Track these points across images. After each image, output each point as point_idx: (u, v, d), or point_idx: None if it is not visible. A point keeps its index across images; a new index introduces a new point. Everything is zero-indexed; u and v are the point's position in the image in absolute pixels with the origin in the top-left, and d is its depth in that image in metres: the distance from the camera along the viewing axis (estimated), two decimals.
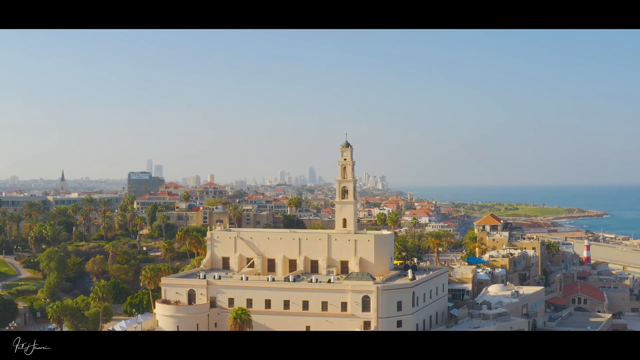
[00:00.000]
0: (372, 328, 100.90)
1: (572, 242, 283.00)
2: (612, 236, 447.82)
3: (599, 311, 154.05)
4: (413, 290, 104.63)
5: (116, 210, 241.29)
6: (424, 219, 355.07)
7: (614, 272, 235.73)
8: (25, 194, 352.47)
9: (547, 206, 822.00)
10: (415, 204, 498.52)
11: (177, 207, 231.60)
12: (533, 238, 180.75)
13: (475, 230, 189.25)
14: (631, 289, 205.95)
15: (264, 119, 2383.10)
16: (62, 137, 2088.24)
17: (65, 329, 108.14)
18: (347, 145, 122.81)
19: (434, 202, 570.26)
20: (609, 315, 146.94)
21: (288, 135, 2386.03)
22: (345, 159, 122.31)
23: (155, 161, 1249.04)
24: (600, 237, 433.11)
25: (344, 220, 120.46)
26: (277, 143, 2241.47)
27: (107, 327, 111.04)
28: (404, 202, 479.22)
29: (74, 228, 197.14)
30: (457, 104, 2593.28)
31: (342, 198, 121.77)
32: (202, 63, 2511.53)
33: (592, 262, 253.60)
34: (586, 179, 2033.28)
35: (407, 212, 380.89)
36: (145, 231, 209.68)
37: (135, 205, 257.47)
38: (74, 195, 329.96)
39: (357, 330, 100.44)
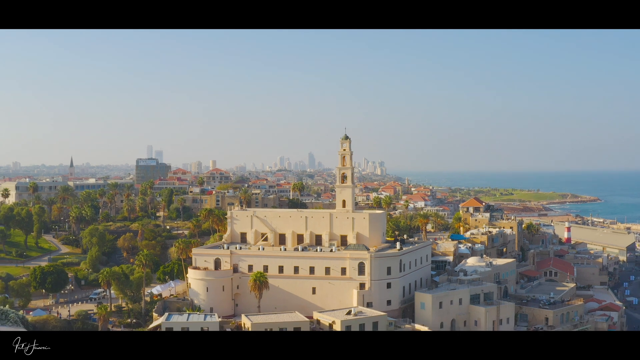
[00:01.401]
0: (367, 289, 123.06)
1: (552, 224, 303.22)
2: (601, 220, 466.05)
3: (567, 282, 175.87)
4: (400, 258, 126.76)
5: (135, 195, 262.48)
6: (420, 203, 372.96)
7: (592, 251, 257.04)
8: (47, 179, 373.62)
9: (542, 191, 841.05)
10: (412, 189, 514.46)
11: (192, 192, 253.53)
12: (511, 218, 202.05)
13: (461, 212, 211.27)
14: (605, 266, 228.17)
15: (263, 106, 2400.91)
16: (61, 124, 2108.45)
17: (112, 291, 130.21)
18: (346, 137, 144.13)
19: (430, 187, 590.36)
20: (572, 285, 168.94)
21: (288, 121, 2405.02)
22: (344, 150, 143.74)
23: (155, 147, 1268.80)
24: (589, 221, 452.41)
25: (344, 202, 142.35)
26: (276, 129, 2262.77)
27: (147, 290, 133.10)
28: (402, 187, 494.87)
29: (100, 210, 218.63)
30: (454, 91, 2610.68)
31: (342, 183, 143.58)
32: (200, 51, 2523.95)
33: (573, 242, 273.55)
34: (582, 165, 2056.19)
35: (404, 197, 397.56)
36: (161, 213, 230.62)
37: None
38: (92, 180, 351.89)
39: (355, 290, 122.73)
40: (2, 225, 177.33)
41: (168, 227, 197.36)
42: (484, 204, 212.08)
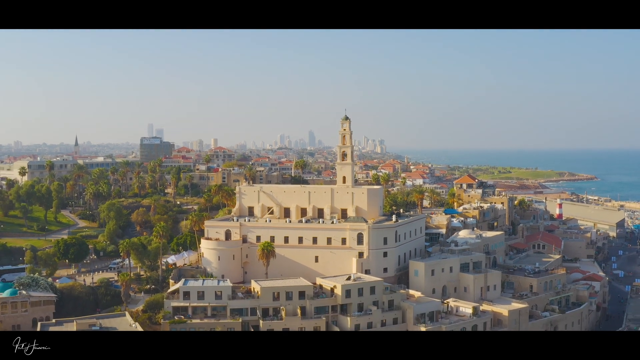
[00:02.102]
0: (365, 257, 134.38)
1: (544, 201, 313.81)
2: (595, 198, 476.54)
3: (553, 254, 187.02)
4: (396, 229, 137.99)
5: (144, 172, 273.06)
6: (419, 181, 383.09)
7: (582, 227, 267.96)
8: (57, 158, 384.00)
9: (541, 169, 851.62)
10: (411, 167, 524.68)
11: (198, 169, 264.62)
12: (502, 194, 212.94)
13: (455, 188, 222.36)
14: (594, 240, 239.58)
15: (262, 85, 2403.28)
16: (58, 104, 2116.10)
17: (132, 261, 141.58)
18: (346, 118, 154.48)
19: (429, 165, 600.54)
20: (558, 256, 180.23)
21: (288, 100, 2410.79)
22: (344, 129, 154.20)
23: (155, 126, 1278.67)
24: (584, 199, 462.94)
25: (344, 178, 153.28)
26: (276, 107, 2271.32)
27: (164, 259, 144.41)
28: (401, 165, 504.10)
29: (112, 187, 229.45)
30: (453, 69, 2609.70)
31: (342, 160, 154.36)
32: (197, 31, 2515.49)
33: (564, 218, 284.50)
34: (582, 144, 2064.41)
35: (403, 174, 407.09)
36: (170, 190, 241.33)
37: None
38: (100, 159, 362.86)
39: (354, 259, 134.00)
40: (24, 202, 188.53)
41: (178, 203, 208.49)
42: (476, 180, 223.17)
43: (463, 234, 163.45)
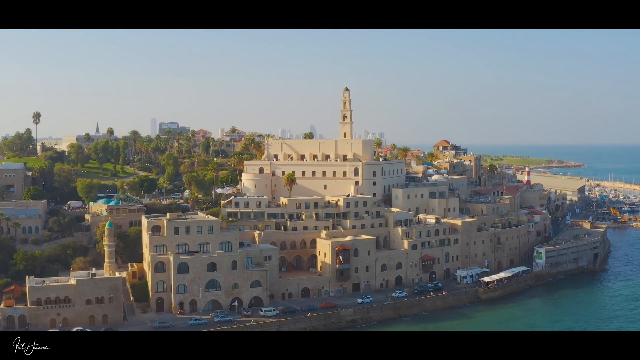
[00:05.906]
0: (360, 185, 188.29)
1: (512, 166, 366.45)
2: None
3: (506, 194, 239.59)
4: (382, 166, 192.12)
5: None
6: (412, 162, 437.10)
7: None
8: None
9: (531, 158, 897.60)
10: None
11: (223, 139, 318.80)
12: (471, 154, 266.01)
13: (433, 150, 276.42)
14: (552, 199, 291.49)
15: (264, 81, 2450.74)
16: (57, 100, 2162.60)
17: (192, 189, 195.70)
18: (347, 89, 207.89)
19: (424, 151, 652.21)
20: (509, 196, 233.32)
21: (289, 95, 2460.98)
22: (345, 97, 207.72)
23: (158, 120, 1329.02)
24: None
25: (344, 134, 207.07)
26: (277, 103, 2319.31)
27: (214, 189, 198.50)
28: (397, 150, 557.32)
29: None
30: (450, 64, 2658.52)
31: (344, 120, 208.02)
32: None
33: (532, 184, 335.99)
34: (578, 139, 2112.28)
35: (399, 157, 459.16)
36: (202, 154, 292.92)
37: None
38: None
39: (352, 186, 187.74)
40: (100, 155, 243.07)
41: (215, 159, 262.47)
42: (450, 144, 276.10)
43: (434, 177, 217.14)
